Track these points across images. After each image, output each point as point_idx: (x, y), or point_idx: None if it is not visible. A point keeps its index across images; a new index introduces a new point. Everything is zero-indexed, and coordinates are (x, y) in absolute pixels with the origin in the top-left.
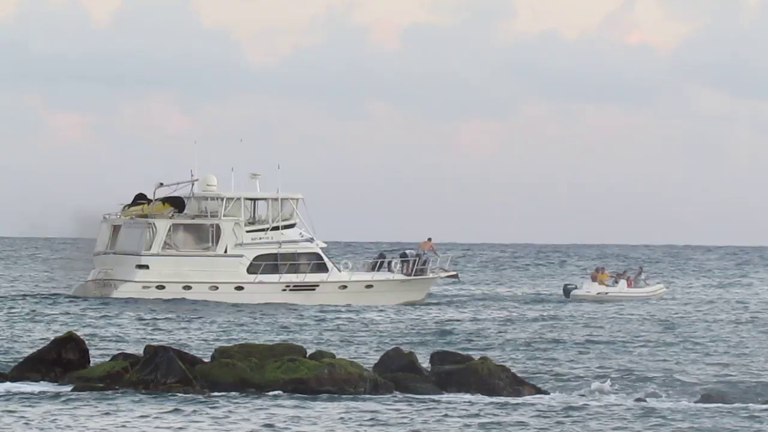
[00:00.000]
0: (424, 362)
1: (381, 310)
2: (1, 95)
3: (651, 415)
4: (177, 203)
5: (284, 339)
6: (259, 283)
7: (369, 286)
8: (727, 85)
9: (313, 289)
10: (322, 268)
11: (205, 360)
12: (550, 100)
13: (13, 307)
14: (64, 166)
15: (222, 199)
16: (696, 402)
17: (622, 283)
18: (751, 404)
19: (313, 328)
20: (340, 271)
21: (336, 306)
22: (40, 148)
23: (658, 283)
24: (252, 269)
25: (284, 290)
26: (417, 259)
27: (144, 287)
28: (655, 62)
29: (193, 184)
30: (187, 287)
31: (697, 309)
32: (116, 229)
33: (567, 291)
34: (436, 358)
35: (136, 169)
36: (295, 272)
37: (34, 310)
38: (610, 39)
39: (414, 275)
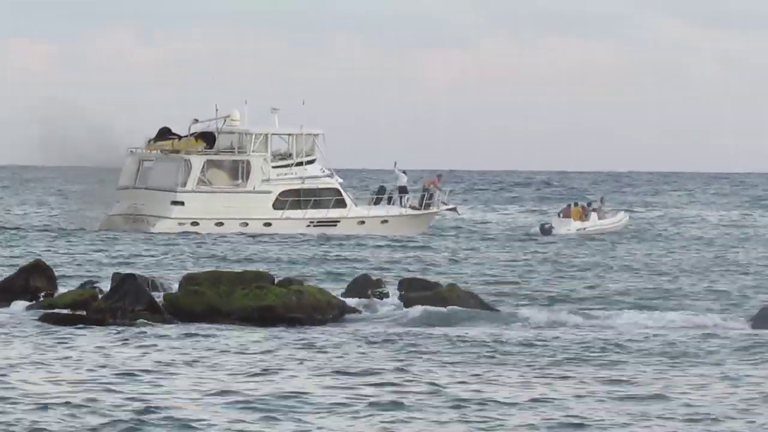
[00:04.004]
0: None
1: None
2: None
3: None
4: (208, 138)
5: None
6: (285, 219)
7: (385, 221)
8: (689, 15)
9: (335, 225)
10: (341, 203)
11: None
12: (512, 32)
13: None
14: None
15: (251, 134)
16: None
17: (593, 215)
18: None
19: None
20: (356, 205)
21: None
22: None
23: (619, 211)
24: (278, 205)
25: (308, 226)
26: (425, 194)
27: (179, 223)
28: None
29: (224, 120)
30: (220, 223)
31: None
32: (142, 163)
33: (545, 230)
34: (405, 284)
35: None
36: (317, 208)
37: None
38: None
39: (423, 209)
